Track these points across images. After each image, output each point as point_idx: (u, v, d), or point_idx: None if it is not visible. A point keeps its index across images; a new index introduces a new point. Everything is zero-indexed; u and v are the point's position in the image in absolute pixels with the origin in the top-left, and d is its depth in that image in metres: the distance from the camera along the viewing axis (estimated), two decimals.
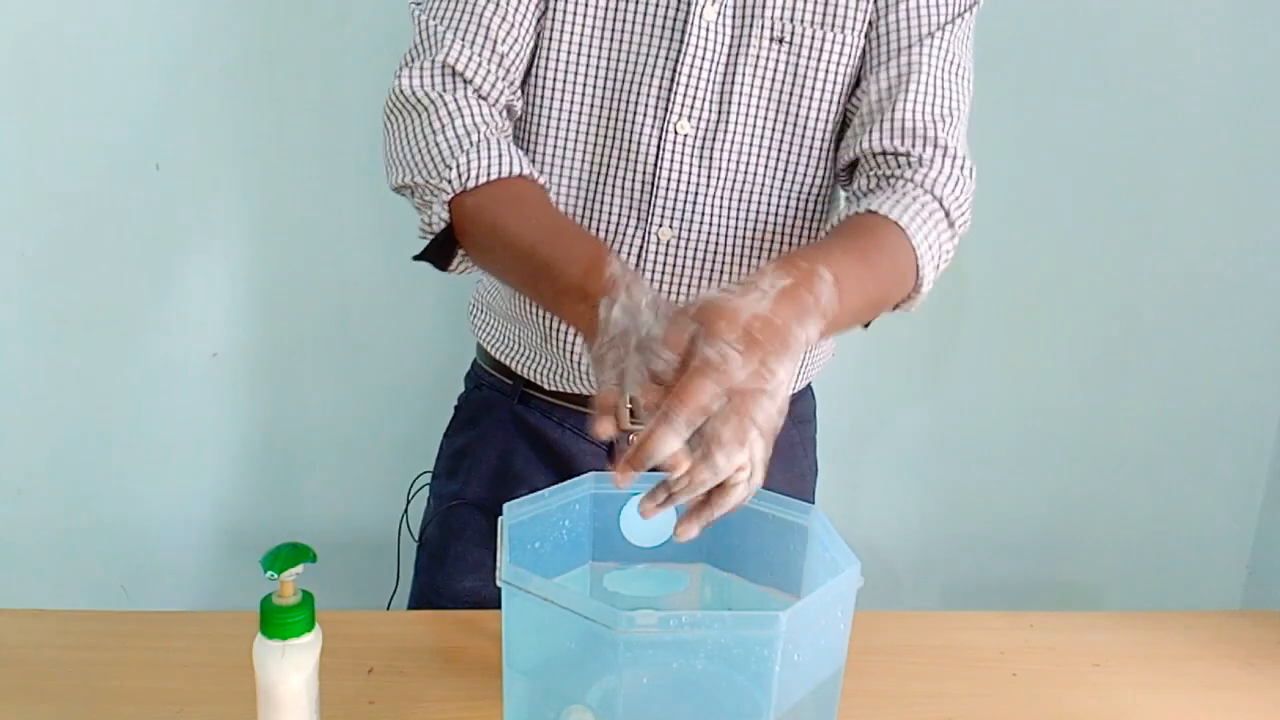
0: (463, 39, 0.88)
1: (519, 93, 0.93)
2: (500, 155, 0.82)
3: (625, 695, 0.62)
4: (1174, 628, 1.01)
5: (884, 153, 0.91)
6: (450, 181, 0.82)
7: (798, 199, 0.97)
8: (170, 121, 1.39)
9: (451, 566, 1.04)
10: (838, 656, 0.71)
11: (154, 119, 1.39)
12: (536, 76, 0.93)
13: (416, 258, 0.87)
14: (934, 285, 0.88)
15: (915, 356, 1.58)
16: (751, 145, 0.94)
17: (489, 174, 0.82)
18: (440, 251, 0.86)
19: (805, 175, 0.96)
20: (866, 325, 0.87)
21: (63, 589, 1.53)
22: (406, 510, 1.15)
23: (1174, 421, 1.62)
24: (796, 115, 0.94)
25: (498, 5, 0.89)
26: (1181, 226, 1.55)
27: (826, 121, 0.95)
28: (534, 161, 0.95)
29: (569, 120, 0.94)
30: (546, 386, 1.02)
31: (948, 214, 0.88)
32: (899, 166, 0.90)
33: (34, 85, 1.37)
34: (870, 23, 0.93)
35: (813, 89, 0.93)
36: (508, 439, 1.05)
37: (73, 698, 0.81)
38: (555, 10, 0.91)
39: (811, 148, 0.95)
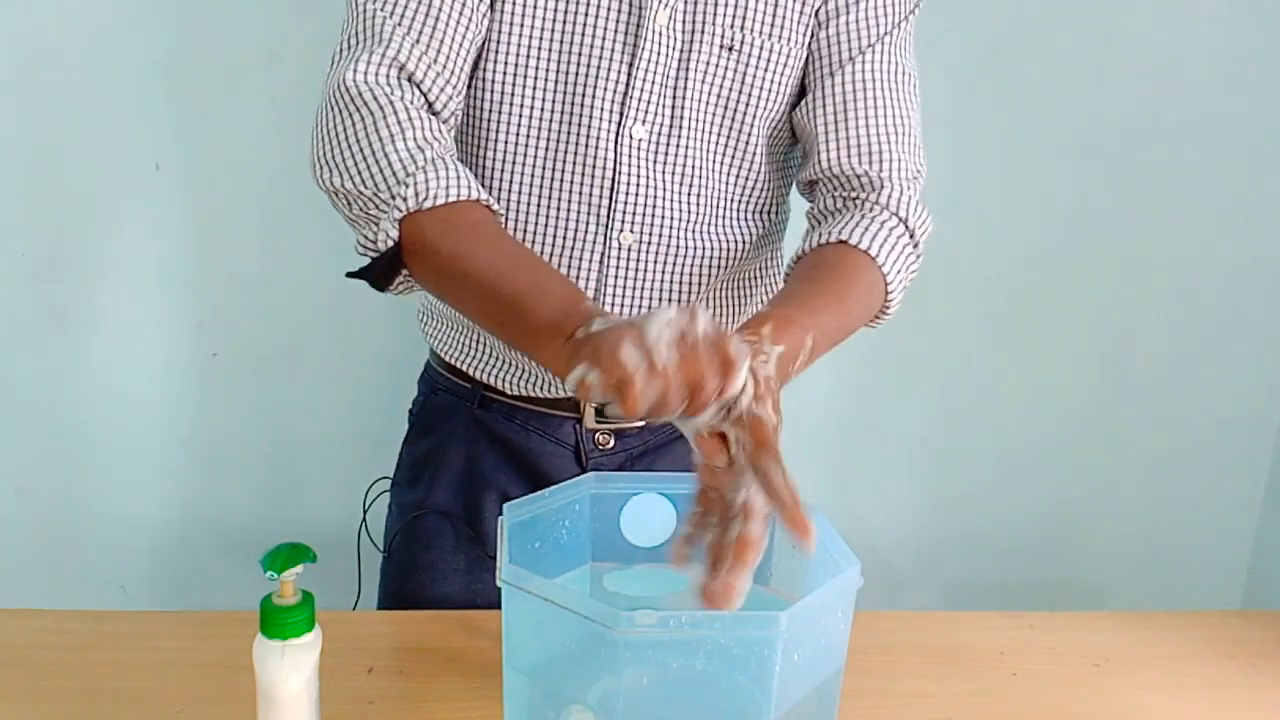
0: (411, 37, 0.83)
1: (462, 101, 0.89)
2: (458, 177, 0.78)
3: (625, 695, 0.62)
4: (1174, 628, 1.01)
5: (843, 174, 0.93)
6: (405, 200, 0.76)
7: (749, 204, 0.99)
8: (170, 121, 1.39)
9: (422, 575, 1.03)
10: (838, 656, 0.70)
11: (154, 119, 1.39)
12: (486, 79, 0.90)
13: (353, 275, 0.80)
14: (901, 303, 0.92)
15: (915, 357, 1.58)
16: (702, 150, 0.95)
17: (446, 195, 0.76)
18: (383, 271, 0.80)
19: (753, 179, 0.98)
20: None
21: (63, 589, 1.53)
22: (365, 519, 1.10)
23: (1174, 422, 1.62)
24: (744, 120, 0.95)
25: (447, 5, 0.84)
26: (1182, 227, 1.55)
27: (771, 126, 0.97)
28: (487, 166, 0.93)
29: (522, 124, 0.92)
30: (509, 391, 1.01)
31: (911, 233, 0.91)
32: (859, 188, 0.93)
33: (34, 85, 1.37)
34: (812, 33, 0.95)
35: (759, 96, 0.94)
36: (471, 444, 1.03)
37: (73, 698, 0.81)
38: (504, 12, 0.88)
39: (758, 151, 0.97)
